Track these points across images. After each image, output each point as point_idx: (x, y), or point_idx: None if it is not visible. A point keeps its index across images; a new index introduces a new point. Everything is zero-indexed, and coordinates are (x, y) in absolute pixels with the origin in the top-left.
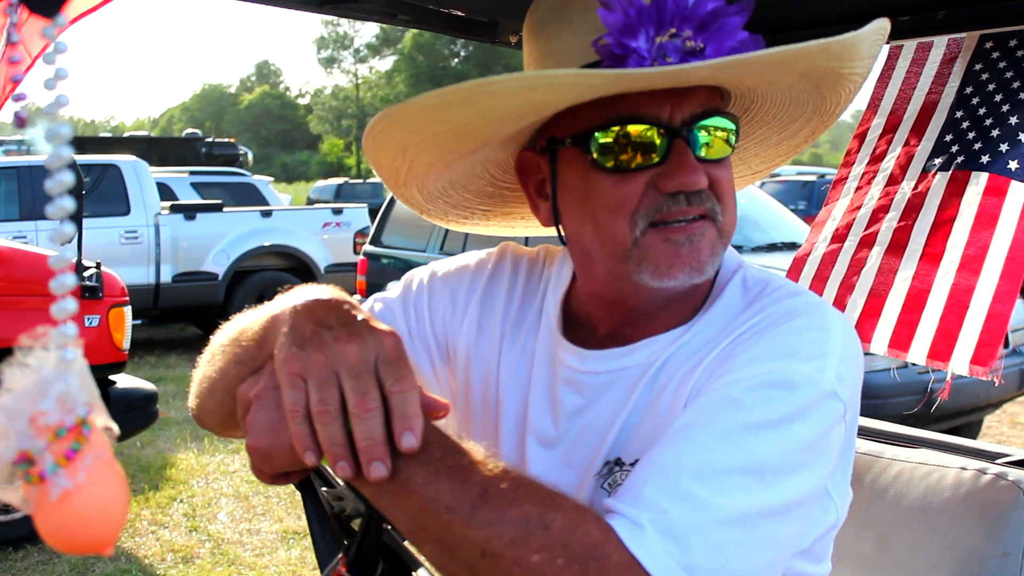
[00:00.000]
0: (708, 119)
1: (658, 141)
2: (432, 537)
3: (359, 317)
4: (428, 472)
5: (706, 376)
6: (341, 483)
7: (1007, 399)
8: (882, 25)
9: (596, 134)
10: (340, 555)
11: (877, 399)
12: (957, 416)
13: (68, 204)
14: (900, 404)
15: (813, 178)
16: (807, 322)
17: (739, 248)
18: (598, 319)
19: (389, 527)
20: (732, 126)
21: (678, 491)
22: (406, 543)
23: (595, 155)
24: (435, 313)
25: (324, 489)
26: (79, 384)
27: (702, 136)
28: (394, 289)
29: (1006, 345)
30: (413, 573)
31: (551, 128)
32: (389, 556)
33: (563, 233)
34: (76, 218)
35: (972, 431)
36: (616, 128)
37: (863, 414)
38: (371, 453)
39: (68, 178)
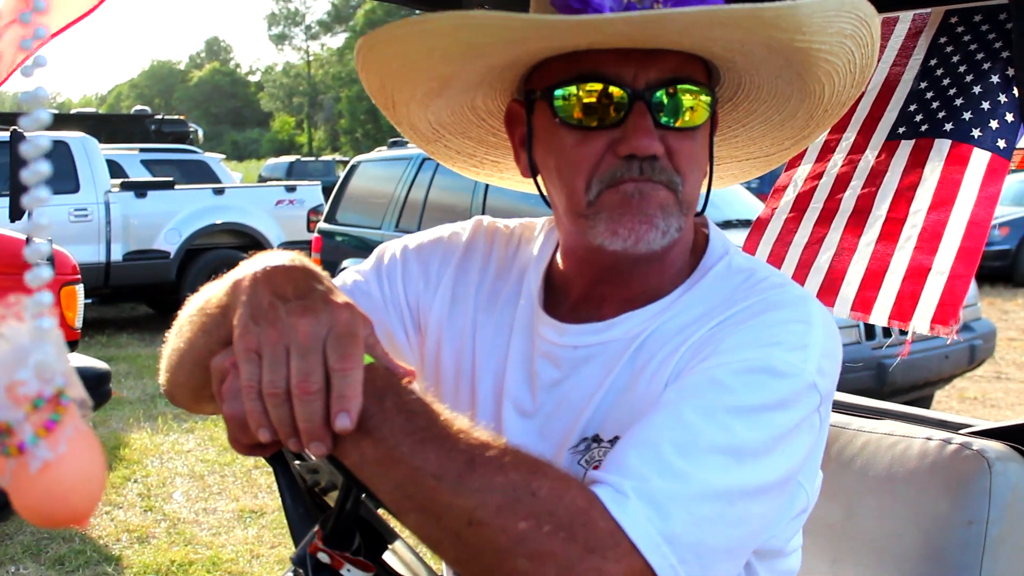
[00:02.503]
0: (676, 85)
1: (619, 102)
2: (418, 506)
3: (317, 288)
4: (414, 441)
5: (688, 357)
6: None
7: (958, 374)
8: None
9: (558, 89)
10: (316, 528)
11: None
12: (910, 391)
13: (45, 168)
14: (854, 380)
15: None
16: (792, 313)
17: None
18: (574, 279)
19: (365, 498)
20: (706, 98)
21: (660, 461)
22: (383, 516)
23: (557, 110)
24: (408, 284)
25: (297, 462)
26: (56, 354)
27: (666, 101)
28: (366, 262)
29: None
30: (390, 545)
31: (531, 80)
32: (366, 529)
33: (541, 188)
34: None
35: (923, 406)
36: (578, 85)
37: None
38: (310, 434)
39: (46, 142)
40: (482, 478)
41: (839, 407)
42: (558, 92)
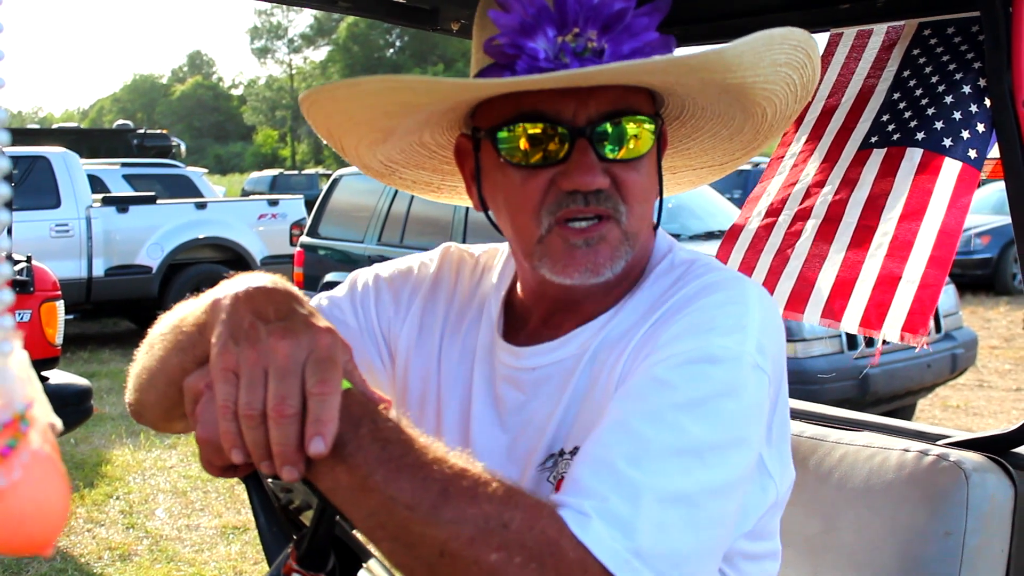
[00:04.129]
0: (617, 118)
1: (560, 140)
2: (390, 535)
3: (299, 311)
4: (388, 470)
5: (632, 358)
6: None
7: (940, 383)
8: (766, 35)
9: (502, 130)
10: (290, 548)
11: (814, 384)
12: (892, 400)
13: (4, 190)
14: (836, 389)
15: (748, 167)
16: (725, 296)
17: (677, 237)
18: (532, 307)
19: (339, 519)
20: (649, 126)
21: (615, 477)
22: (358, 535)
23: (501, 150)
24: (381, 312)
25: (271, 481)
26: (17, 378)
27: (609, 134)
28: (339, 288)
29: (938, 330)
30: (364, 565)
31: (476, 115)
32: (340, 549)
33: (494, 220)
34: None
35: (906, 415)
36: (520, 125)
37: (801, 398)
38: (284, 458)
39: (5, 164)
40: (455, 509)
41: (817, 419)
42: (501, 133)
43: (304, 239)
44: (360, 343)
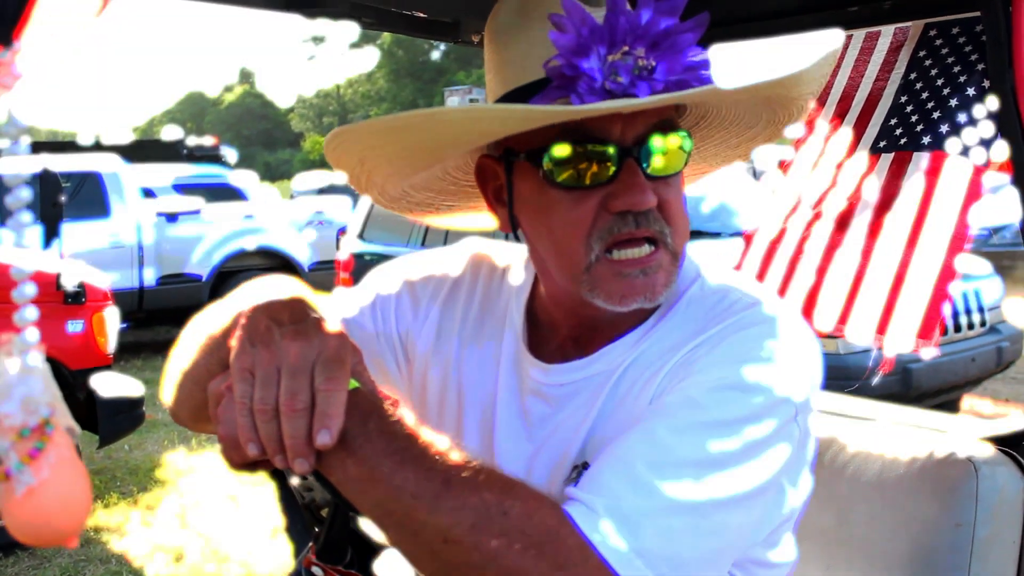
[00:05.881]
0: (660, 134)
1: (609, 159)
2: (396, 523)
3: (311, 316)
4: (394, 461)
5: (668, 380)
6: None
7: (985, 377)
8: (830, 53)
9: (547, 151)
10: (311, 543)
11: (855, 380)
12: (937, 394)
13: (27, 217)
14: (879, 385)
15: None
16: (762, 331)
17: (718, 235)
18: (559, 323)
19: (350, 512)
20: (686, 140)
21: (632, 478)
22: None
23: (547, 171)
24: (399, 315)
25: (295, 480)
26: (41, 387)
27: (654, 152)
28: (359, 288)
29: (983, 324)
30: (381, 557)
31: (508, 139)
32: (358, 542)
33: (522, 238)
34: (55, 223)
35: (951, 409)
36: (567, 146)
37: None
38: (295, 450)
39: (27, 194)
40: (457, 498)
41: (832, 413)
42: (545, 155)
43: (352, 244)
44: (375, 346)
